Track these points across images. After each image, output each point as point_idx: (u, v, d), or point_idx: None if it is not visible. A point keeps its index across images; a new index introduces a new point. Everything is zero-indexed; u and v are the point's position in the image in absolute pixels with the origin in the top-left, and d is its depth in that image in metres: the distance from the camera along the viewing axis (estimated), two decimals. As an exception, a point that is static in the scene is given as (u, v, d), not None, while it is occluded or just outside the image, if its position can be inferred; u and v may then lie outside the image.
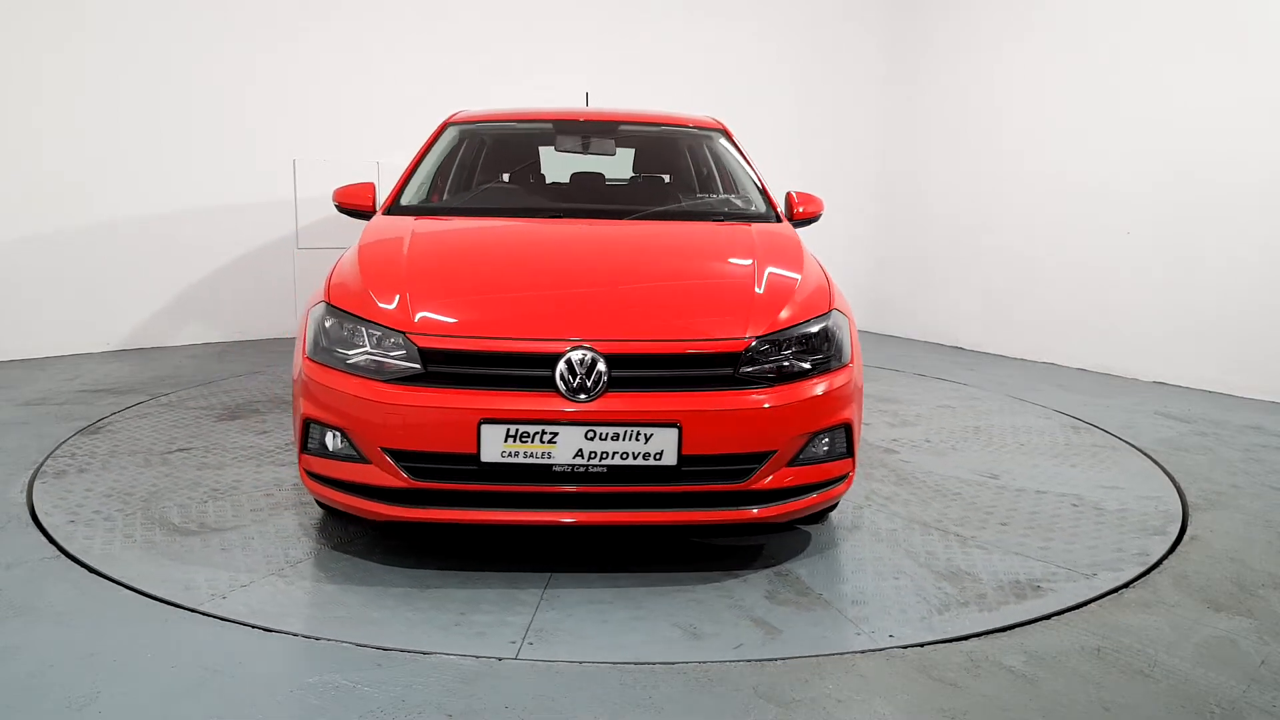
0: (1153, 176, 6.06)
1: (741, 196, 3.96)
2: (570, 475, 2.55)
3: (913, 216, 7.86)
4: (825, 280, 3.07)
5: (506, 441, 2.50)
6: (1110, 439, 4.59)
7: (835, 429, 2.74)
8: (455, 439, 2.51)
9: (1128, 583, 2.88)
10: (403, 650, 2.34)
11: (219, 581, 2.71)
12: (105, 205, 6.00)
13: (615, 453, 2.52)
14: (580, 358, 2.54)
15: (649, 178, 4.40)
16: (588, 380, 2.53)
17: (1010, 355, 6.97)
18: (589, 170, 4.29)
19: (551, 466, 2.53)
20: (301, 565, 2.85)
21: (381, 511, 2.63)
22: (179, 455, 3.91)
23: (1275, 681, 2.30)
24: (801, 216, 3.88)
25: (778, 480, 2.66)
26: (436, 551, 2.95)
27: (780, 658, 2.36)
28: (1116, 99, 6.26)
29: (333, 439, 2.67)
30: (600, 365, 2.54)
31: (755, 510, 2.67)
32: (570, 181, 4.24)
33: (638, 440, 2.51)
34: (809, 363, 2.73)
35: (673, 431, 2.52)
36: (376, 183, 4.63)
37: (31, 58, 5.62)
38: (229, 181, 6.41)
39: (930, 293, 7.70)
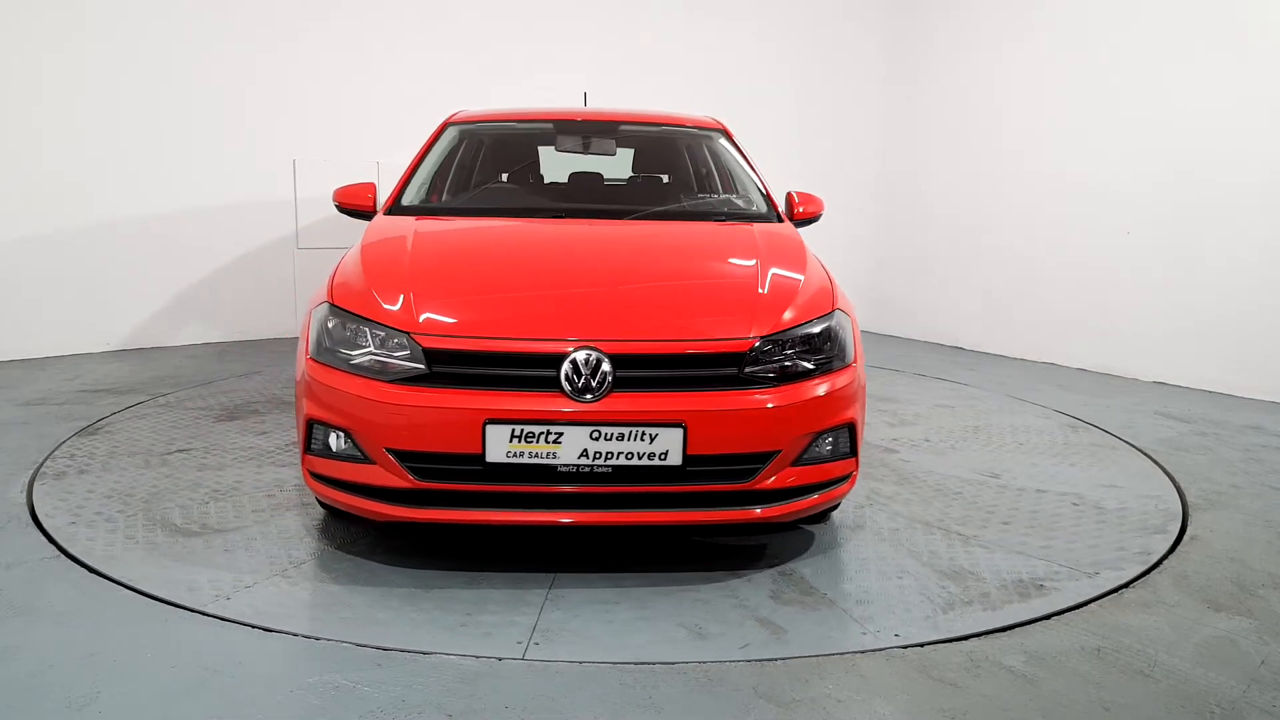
0: (1153, 176, 6.07)
1: (742, 196, 3.96)
2: (575, 475, 2.55)
3: (913, 216, 7.87)
4: (828, 280, 3.07)
5: (511, 442, 2.50)
6: (1110, 439, 4.60)
7: (839, 429, 2.75)
8: (460, 439, 2.51)
9: (1129, 582, 2.89)
10: (403, 650, 2.34)
11: (223, 583, 2.71)
12: (105, 205, 6.00)
13: (620, 453, 2.52)
14: (585, 358, 2.54)
15: (648, 177, 4.40)
16: (593, 380, 2.53)
17: (1010, 355, 6.98)
18: (587, 170, 4.29)
19: (556, 467, 2.54)
20: (305, 566, 2.85)
21: (386, 512, 2.63)
22: (179, 456, 3.91)
23: (1275, 681, 2.31)
24: (802, 216, 3.88)
25: (781, 480, 2.67)
26: (440, 552, 2.95)
27: (788, 657, 2.36)
28: (1116, 99, 6.27)
29: (336, 440, 2.67)
30: (605, 365, 2.54)
31: (759, 510, 2.67)
32: (569, 181, 4.24)
33: (643, 440, 2.52)
34: (813, 363, 2.74)
35: (678, 432, 2.52)
36: (376, 183, 4.61)
37: (31, 58, 5.61)
38: (229, 181, 6.41)
39: (930, 293, 7.71)
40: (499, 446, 2.50)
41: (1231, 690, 2.26)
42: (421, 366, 2.58)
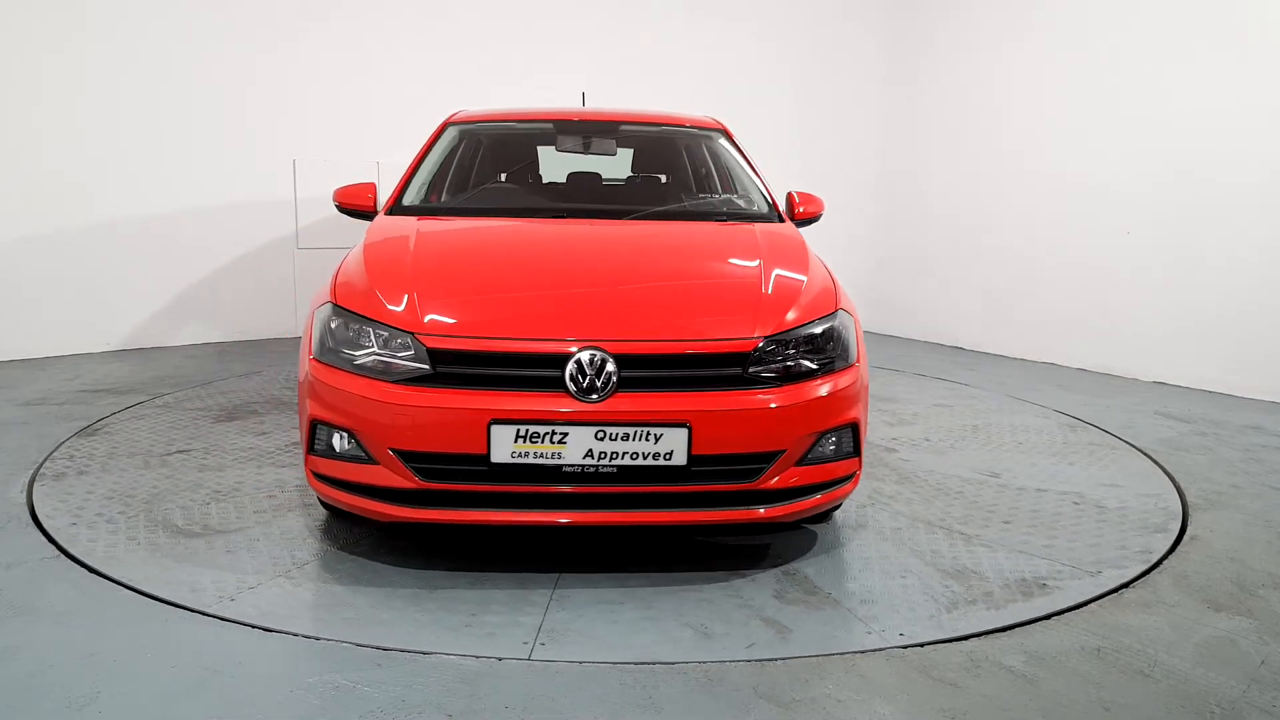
0: (1153, 176, 6.08)
1: (743, 196, 3.97)
2: (580, 475, 2.55)
3: (913, 216, 7.88)
4: (831, 280, 3.08)
5: (516, 442, 2.50)
6: (1109, 439, 4.60)
7: (843, 428, 2.75)
8: (465, 439, 2.51)
9: (1130, 581, 2.89)
10: (403, 650, 2.34)
11: (226, 584, 2.71)
12: (105, 205, 5.99)
13: (625, 453, 2.52)
14: (590, 358, 2.54)
15: (647, 177, 4.41)
16: (598, 380, 2.53)
17: (1010, 355, 6.99)
18: (586, 170, 4.28)
19: (561, 467, 2.54)
20: (308, 567, 2.85)
21: (390, 513, 2.63)
22: (179, 457, 3.90)
23: (1275, 681, 2.31)
24: (802, 216, 3.89)
25: (785, 480, 2.67)
26: (443, 552, 2.95)
27: (792, 657, 2.36)
28: (1116, 99, 6.28)
29: (340, 440, 2.67)
30: (610, 365, 2.54)
31: (762, 510, 2.67)
32: (567, 181, 4.24)
33: (648, 440, 2.52)
34: (816, 363, 2.74)
35: (682, 431, 2.52)
36: (377, 183, 4.61)
37: (31, 58, 5.61)
38: (229, 181, 6.40)
39: (930, 293, 7.71)
40: (504, 447, 2.50)
41: (1231, 690, 2.26)
42: (426, 367, 2.58)
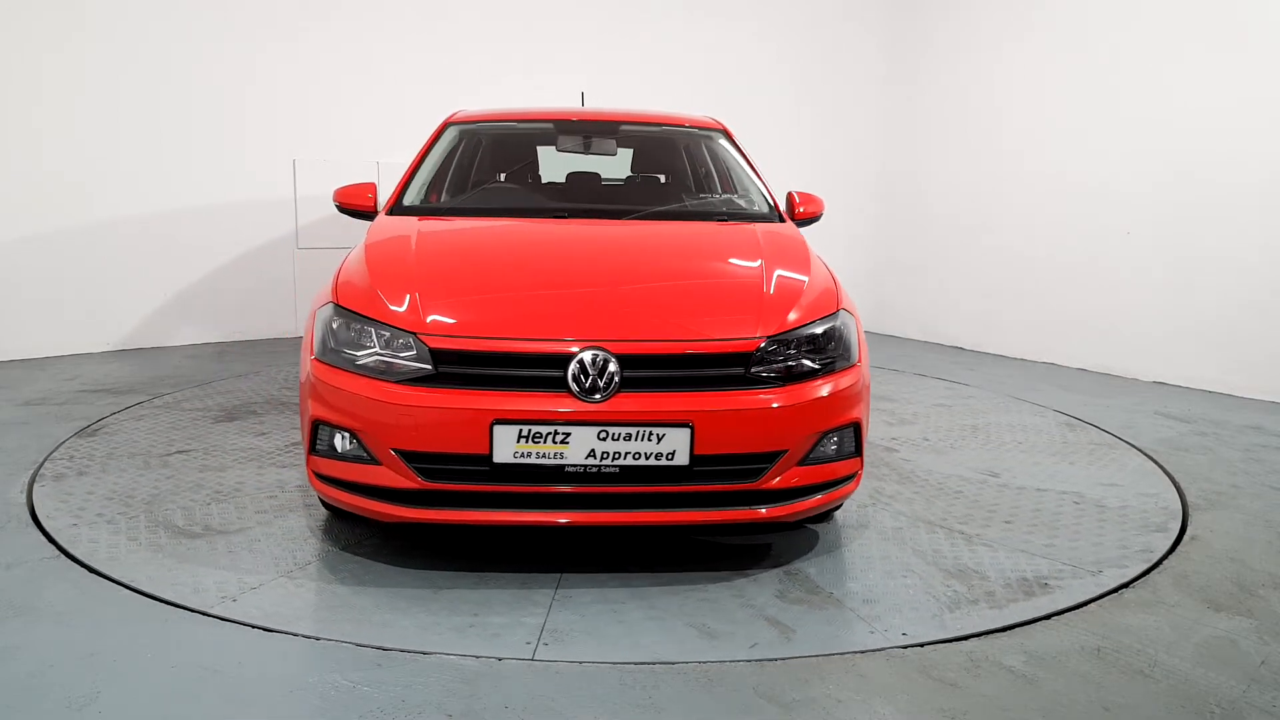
0: (1153, 176, 6.08)
1: (743, 196, 3.97)
2: (582, 475, 2.55)
3: (913, 216, 7.88)
4: (832, 280, 3.08)
5: (519, 442, 2.50)
6: (1109, 438, 4.61)
7: (844, 428, 2.76)
8: (467, 440, 2.51)
9: (1130, 581, 2.89)
10: (403, 650, 2.34)
11: (228, 584, 2.71)
12: (105, 205, 5.99)
13: (628, 453, 2.52)
14: (592, 358, 2.54)
15: (646, 177, 4.41)
16: (600, 380, 2.53)
17: (1010, 355, 6.99)
18: (586, 170, 4.28)
19: (564, 467, 2.54)
20: (310, 567, 2.85)
21: (393, 513, 2.63)
22: (179, 457, 3.90)
23: (1275, 681, 2.31)
24: (802, 216, 3.89)
25: (787, 480, 2.68)
26: (445, 552, 2.95)
27: (795, 657, 2.36)
28: (1116, 99, 6.28)
29: (342, 440, 2.67)
30: (612, 365, 2.54)
31: (764, 510, 2.67)
32: (566, 181, 4.24)
33: (650, 440, 2.52)
34: (818, 363, 2.75)
35: (685, 431, 2.52)
36: (377, 183, 4.61)
37: (31, 58, 5.60)
38: (229, 181, 6.40)
39: (930, 293, 7.72)
40: (506, 447, 2.50)
41: (1231, 690, 2.26)
42: (428, 367, 2.58)
